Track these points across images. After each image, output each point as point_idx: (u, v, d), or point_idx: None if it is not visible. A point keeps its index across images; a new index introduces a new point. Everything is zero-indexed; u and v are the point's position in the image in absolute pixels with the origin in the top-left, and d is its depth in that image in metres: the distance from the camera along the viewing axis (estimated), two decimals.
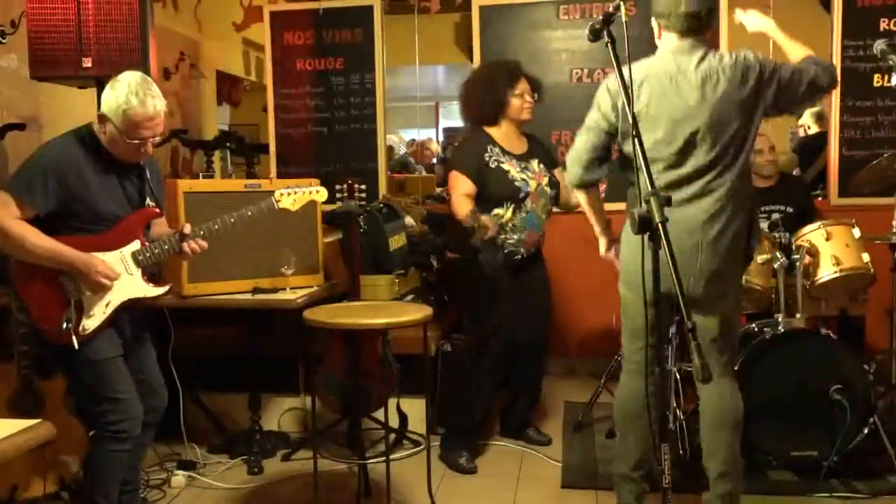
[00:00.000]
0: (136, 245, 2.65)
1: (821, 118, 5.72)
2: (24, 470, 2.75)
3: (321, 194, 3.08)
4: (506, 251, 3.45)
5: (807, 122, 5.78)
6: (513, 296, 3.51)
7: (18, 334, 2.84)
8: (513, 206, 3.43)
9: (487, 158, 3.43)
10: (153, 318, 3.42)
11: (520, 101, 3.51)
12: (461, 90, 3.63)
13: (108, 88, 2.55)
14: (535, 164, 3.53)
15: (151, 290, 2.71)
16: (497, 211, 3.42)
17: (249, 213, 2.83)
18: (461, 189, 3.41)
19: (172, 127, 4.87)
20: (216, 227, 2.76)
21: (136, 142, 2.53)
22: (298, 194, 2.98)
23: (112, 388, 2.61)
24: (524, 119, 3.55)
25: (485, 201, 3.41)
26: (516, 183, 3.44)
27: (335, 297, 3.67)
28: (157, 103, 2.53)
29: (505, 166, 3.44)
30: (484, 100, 3.51)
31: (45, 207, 2.50)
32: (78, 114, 2.71)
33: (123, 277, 2.63)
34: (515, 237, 3.46)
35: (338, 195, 3.46)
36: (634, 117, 2.01)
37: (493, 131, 3.52)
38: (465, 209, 3.31)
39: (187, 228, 2.70)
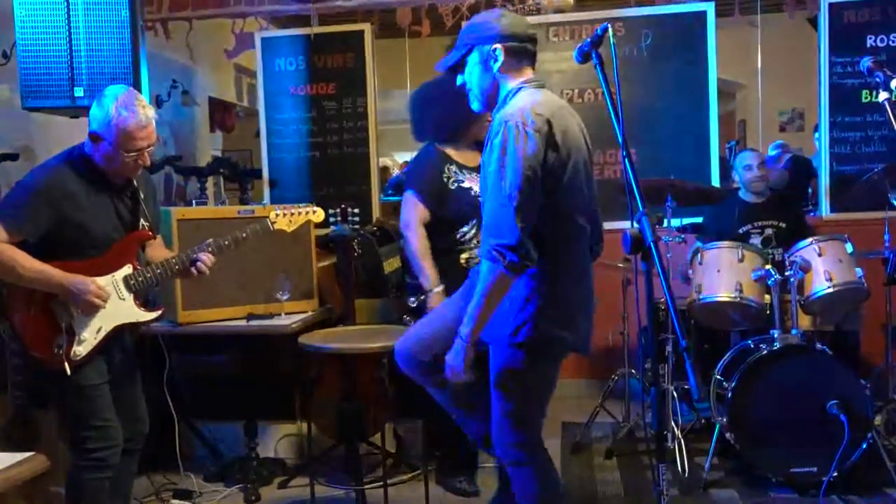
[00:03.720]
0: (127, 269, 2.63)
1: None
2: (15, 502, 2.72)
3: (318, 214, 3.00)
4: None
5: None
6: None
7: (12, 364, 2.82)
8: (477, 223, 3.08)
9: (446, 179, 3.19)
10: (146, 346, 3.41)
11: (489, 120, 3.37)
12: (422, 101, 3.32)
13: (94, 107, 2.53)
14: None
15: (144, 315, 2.68)
16: (462, 229, 3.18)
17: (243, 235, 2.80)
18: (418, 217, 3.17)
19: (166, 154, 4.88)
20: (209, 249, 2.72)
21: (133, 154, 2.52)
22: (294, 215, 2.93)
23: (94, 414, 2.58)
24: (482, 138, 3.37)
25: (446, 224, 3.17)
26: (480, 199, 3.21)
27: (331, 322, 3.66)
28: (147, 112, 2.52)
29: (466, 184, 3.19)
30: (453, 115, 3.11)
31: (34, 232, 2.48)
32: (70, 143, 2.70)
33: (115, 302, 2.60)
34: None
35: (331, 219, 3.47)
36: (624, 137, 2.01)
37: (447, 148, 3.25)
38: (424, 252, 3.14)
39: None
